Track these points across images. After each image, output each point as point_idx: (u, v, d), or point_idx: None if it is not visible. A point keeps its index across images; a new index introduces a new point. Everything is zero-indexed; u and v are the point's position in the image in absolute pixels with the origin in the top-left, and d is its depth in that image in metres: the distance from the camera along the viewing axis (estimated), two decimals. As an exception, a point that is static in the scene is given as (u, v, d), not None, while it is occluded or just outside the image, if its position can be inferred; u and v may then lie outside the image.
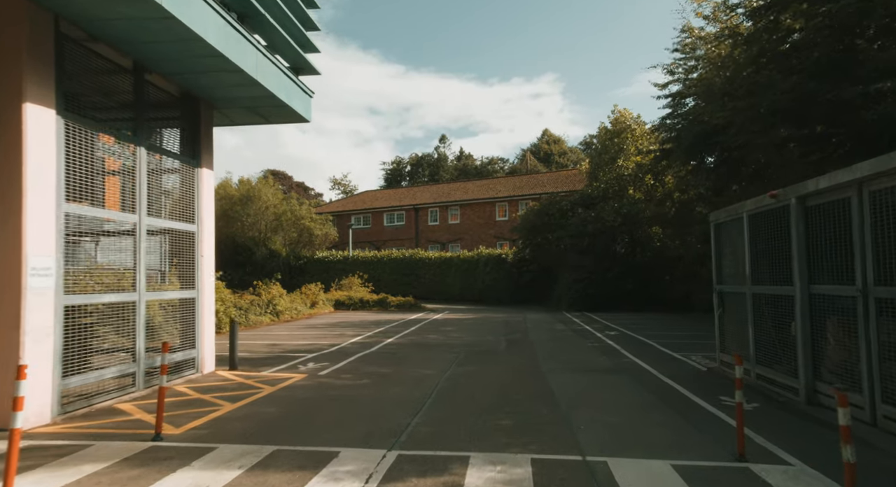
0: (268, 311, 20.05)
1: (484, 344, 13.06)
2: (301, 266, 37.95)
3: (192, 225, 8.57)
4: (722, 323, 8.72)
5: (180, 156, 8.43)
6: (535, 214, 28.52)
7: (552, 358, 10.84)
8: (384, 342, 13.43)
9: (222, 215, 39.32)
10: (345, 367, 9.62)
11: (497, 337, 14.29)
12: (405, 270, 33.96)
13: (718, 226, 8.90)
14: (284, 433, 5.56)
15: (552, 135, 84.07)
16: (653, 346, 12.42)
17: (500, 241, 37.66)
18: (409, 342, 13.48)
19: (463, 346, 12.52)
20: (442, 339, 14.02)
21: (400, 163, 70.37)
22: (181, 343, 8.36)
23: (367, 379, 8.44)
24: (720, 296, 8.75)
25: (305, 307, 24.00)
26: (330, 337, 14.45)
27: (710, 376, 8.66)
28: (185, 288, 8.48)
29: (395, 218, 42.34)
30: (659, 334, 14.76)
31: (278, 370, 9.35)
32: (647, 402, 6.95)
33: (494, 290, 30.41)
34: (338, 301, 27.26)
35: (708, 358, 10.39)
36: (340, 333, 15.55)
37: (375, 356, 11.06)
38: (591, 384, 8.15)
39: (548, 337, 14.46)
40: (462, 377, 8.67)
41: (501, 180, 44.19)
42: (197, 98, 8.69)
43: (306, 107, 9.81)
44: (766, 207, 7.18)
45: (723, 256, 8.83)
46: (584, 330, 16.27)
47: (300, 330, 16.76)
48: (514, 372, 9.20)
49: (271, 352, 11.62)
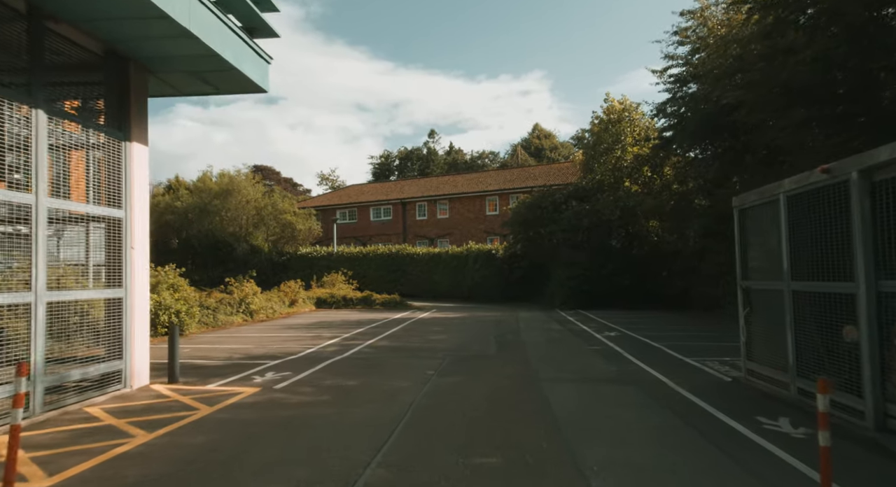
0: (240, 311, 18.57)
1: (472, 347, 11.71)
2: (284, 262, 36.47)
3: (117, 210, 7.11)
4: (749, 325, 7.43)
5: (103, 127, 6.97)
6: (526, 207, 27.16)
7: (549, 364, 9.51)
8: (362, 345, 12.04)
9: (201, 209, 37.75)
10: (308, 378, 8.22)
11: (486, 339, 12.95)
12: (392, 266, 32.56)
13: (744, 211, 7.60)
14: (195, 484, 4.15)
15: (543, 129, 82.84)
16: (659, 349, 11.13)
17: (491, 237, 36.35)
18: (390, 345, 12.10)
19: (448, 350, 11.17)
20: (425, 342, 12.65)
21: (388, 157, 68.75)
22: (105, 352, 6.93)
23: (330, 395, 7.05)
24: (746, 294, 7.46)
25: (284, 306, 22.53)
26: (303, 340, 13.04)
27: (737, 389, 7.37)
28: (111, 287, 7.03)
29: (381, 212, 40.88)
30: (662, 335, 13.50)
31: (228, 382, 7.93)
32: (670, 427, 5.63)
33: (484, 287, 29.07)
34: (319, 299, 25.79)
35: (728, 365, 9.11)
36: (316, 335, 14.14)
37: (348, 363, 9.67)
38: (597, 399, 6.82)
39: (542, 338, 13.14)
40: (444, 391, 7.31)
41: (492, 173, 42.83)
42: (125, 58, 7.22)
43: (262, 75, 8.37)
44: (813, 186, 5.87)
45: (749, 247, 7.53)
46: (582, 330, 14.97)
47: (273, 331, 15.32)
48: (506, 382, 7.85)
49: (230, 359, 10.19)
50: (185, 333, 14.34)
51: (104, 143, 6.98)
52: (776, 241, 6.66)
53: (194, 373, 8.60)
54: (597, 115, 27.80)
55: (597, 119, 27.73)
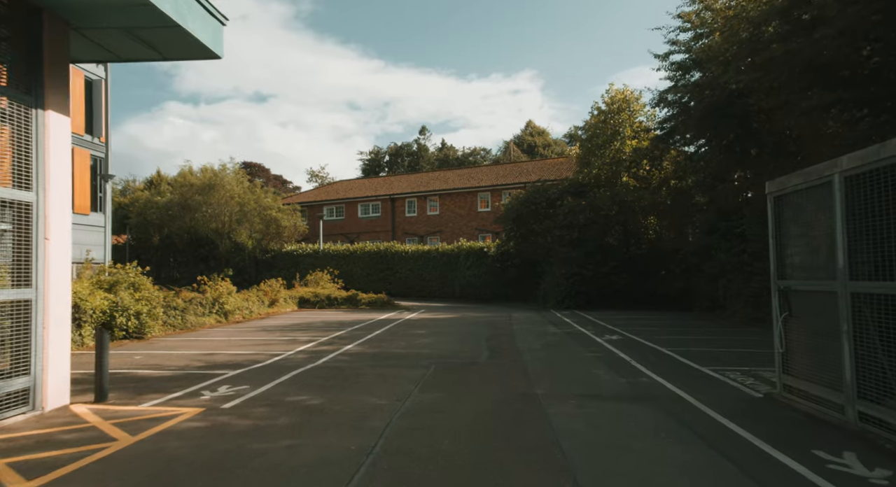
0: (213, 311, 17.25)
1: (461, 353, 10.50)
2: (268, 260, 35.13)
3: (26, 192, 5.82)
4: (788, 333, 6.26)
5: (5, 90, 5.67)
6: (520, 203, 25.97)
7: (548, 375, 8.32)
8: (339, 351, 10.79)
9: (182, 205, 36.24)
10: (267, 393, 6.97)
11: (477, 344, 11.74)
12: (380, 265, 31.31)
13: (782, 199, 6.43)
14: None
15: (536, 126, 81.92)
16: (670, 356, 9.98)
17: (483, 234, 35.18)
18: (370, 351, 10.86)
19: (434, 357, 9.94)
20: (410, 347, 11.42)
21: (378, 153, 67.34)
22: (9, 367, 5.64)
23: (287, 418, 5.80)
24: (784, 296, 6.29)
25: (263, 306, 21.21)
26: (276, 344, 11.77)
27: (773, 408, 6.21)
28: (18, 286, 5.74)
29: (370, 209, 39.57)
30: (669, 339, 12.36)
31: (169, 400, 6.66)
32: (706, 464, 4.45)
33: (476, 286, 27.90)
34: (302, 298, 24.48)
35: (752, 377, 7.96)
36: (292, 338, 12.87)
37: (318, 373, 8.43)
38: (611, 424, 5.63)
39: (539, 343, 11.95)
40: (425, 412, 6.09)
41: (484, 169, 41.62)
42: (36, 8, 5.92)
43: (214, 37, 7.09)
44: (886, 162, 4.70)
45: (788, 240, 6.36)
46: (580, 333, 13.80)
47: (246, 333, 14.02)
48: (500, 400, 6.65)
49: (184, 368, 8.91)
50: (146, 336, 13.03)
51: (8, 110, 5.68)
52: (827, 233, 5.50)
53: (133, 388, 7.32)
54: (597, 106, 26.67)
55: (596, 110, 26.60)
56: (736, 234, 17.61)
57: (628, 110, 25.63)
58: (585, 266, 22.92)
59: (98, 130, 24.22)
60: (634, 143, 25.51)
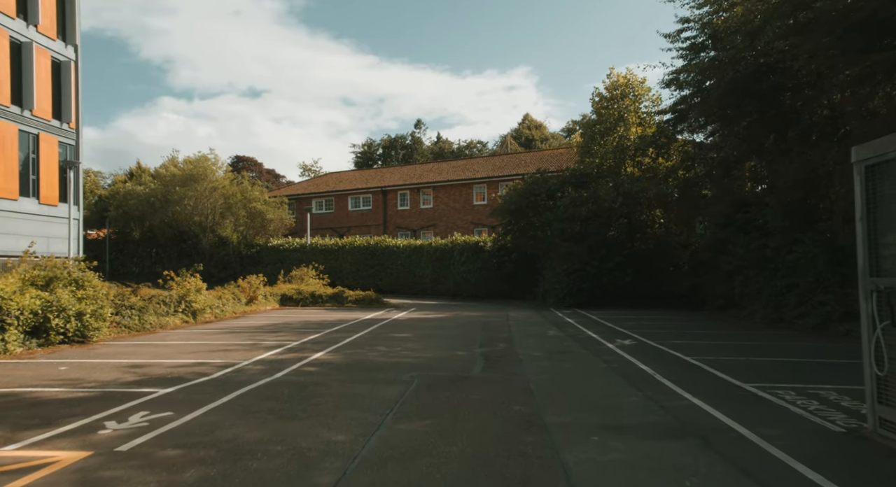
0: (180, 310, 15.54)
1: (450, 363, 8.85)
2: (253, 255, 33.38)
3: None
4: (891, 349, 4.63)
5: None
6: (518, 195, 24.28)
7: (558, 394, 6.68)
8: (306, 359, 9.12)
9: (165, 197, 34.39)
10: (189, 426, 5.29)
11: (470, 351, 10.09)
12: (370, 260, 29.64)
13: (877, 168, 4.78)
14: None
15: (534, 120, 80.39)
16: (698, 368, 8.36)
17: (479, 228, 33.52)
18: (343, 360, 9.20)
19: (418, 369, 8.28)
20: (391, 355, 9.76)
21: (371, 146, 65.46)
22: None
23: (199, 469, 4.12)
24: (886, 300, 4.65)
25: (240, 304, 19.52)
26: (236, 350, 10.10)
27: (871, 451, 4.57)
28: None
29: (360, 202, 37.84)
30: (689, 344, 10.75)
31: (52, 437, 4.95)
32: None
33: (471, 283, 26.24)
34: (285, 296, 22.78)
35: (815, 399, 6.32)
36: (255, 343, 11.20)
37: (270, 392, 6.75)
38: (652, 476, 3.99)
39: (542, 350, 10.31)
40: (396, 458, 4.41)
41: (480, 161, 39.89)
42: None
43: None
44: None
45: (889, 224, 4.71)
46: (588, 336, 12.18)
47: (209, 336, 12.34)
48: (500, 436, 4.98)
49: (106, 385, 7.21)
50: (90, 340, 11.32)
51: None
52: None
53: (17, 417, 5.61)
54: (598, 92, 25.02)
55: (597, 96, 24.95)
56: (756, 227, 16.03)
57: (632, 95, 23.99)
58: (588, 261, 21.33)
59: (67, 115, 22.40)
60: (639, 131, 23.90)
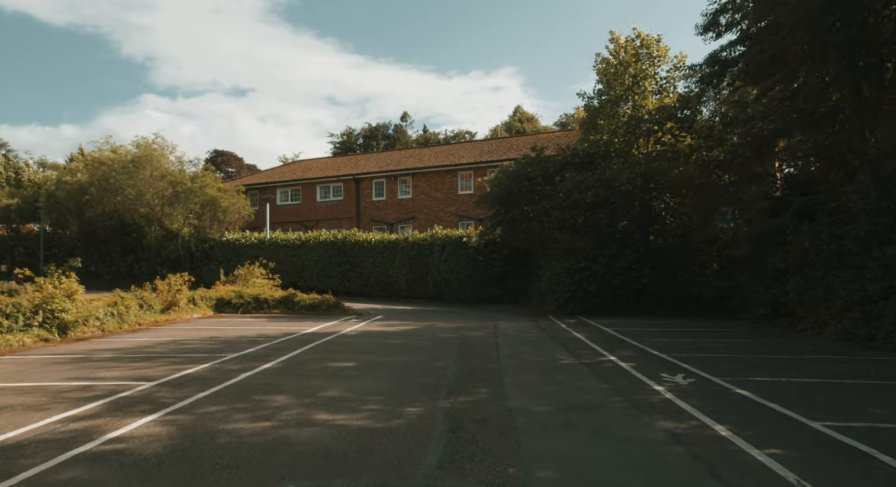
0: (38, 324, 11.16)
1: (380, 445, 4.63)
2: (206, 250, 28.91)
3: None
4: None
5: None
6: (509, 179, 19.99)
7: None
8: (82, 448, 4.88)
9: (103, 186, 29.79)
10: None
11: (428, 408, 5.85)
12: (337, 257, 25.32)
13: None
14: None
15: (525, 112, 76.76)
16: (853, 449, 4.22)
17: (465, 221, 29.31)
18: (162, 447, 4.95)
19: (304, 469, 4.06)
20: (280, 420, 5.50)
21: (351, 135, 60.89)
22: None
23: None
24: None
25: (151, 312, 15.16)
26: (41, 408, 5.81)
27: None
28: None
29: (331, 191, 33.46)
30: (789, 384, 6.62)
31: None
32: None
33: (453, 285, 22.00)
34: (222, 300, 18.43)
35: None
36: (88, 384, 6.92)
37: None
38: None
39: (551, 400, 6.11)
40: None
41: (466, 145, 35.63)
42: None
43: None
44: None
45: None
46: (617, 367, 7.99)
47: (37, 369, 8.00)
48: None
49: None
50: None
51: None
52: None
53: None
54: (602, 58, 20.87)
55: (603, 62, 20.80)
56: (830, 211, 11.97)
57: (646, 54, 19.87)
58: (595, 259, 17.24)
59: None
60: (657, 102, 19.81)
